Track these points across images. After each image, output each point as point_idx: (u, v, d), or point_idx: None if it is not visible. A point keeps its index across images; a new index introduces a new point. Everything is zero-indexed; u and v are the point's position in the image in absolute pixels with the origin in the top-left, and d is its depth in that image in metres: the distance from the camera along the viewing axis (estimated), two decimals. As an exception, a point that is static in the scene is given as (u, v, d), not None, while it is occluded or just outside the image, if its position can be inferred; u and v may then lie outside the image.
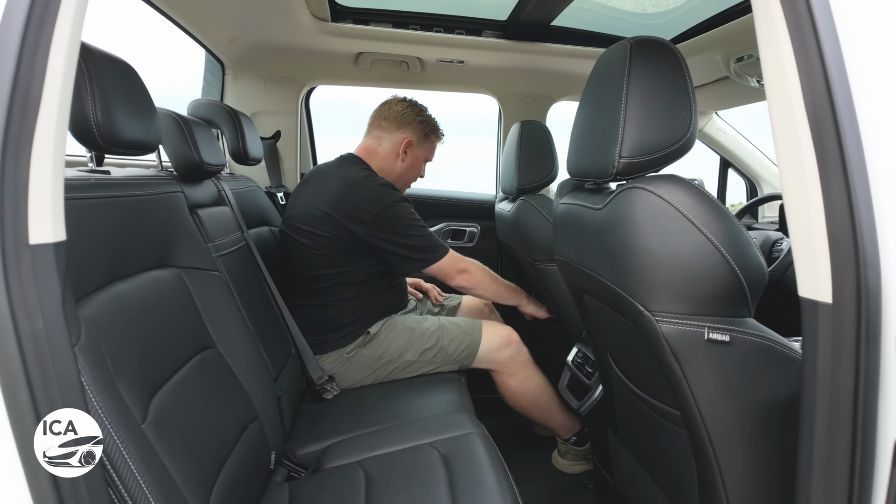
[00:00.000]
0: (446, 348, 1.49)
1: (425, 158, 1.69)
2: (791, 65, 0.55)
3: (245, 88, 2.05)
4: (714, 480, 0.77)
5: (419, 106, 1.65)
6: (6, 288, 0.49)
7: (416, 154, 1.64)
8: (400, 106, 1.62)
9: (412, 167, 1.65)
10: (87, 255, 0.73)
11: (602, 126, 0.83)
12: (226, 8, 1.60)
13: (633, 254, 0.76)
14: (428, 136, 1.66)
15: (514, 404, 1.57)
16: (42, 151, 0.50)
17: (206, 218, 1.22)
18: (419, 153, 1.65)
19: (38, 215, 0.50)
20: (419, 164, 1.67)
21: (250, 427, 1.00)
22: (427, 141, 1.67)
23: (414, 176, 1.70)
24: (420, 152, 1.66)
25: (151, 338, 0.81)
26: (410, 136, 1.62)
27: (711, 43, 1.67)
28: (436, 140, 1.70)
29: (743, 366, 0.72)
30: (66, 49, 0.51)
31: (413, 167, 1.66)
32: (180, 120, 1.22)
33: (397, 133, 1.61)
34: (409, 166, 1.64)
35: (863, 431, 0.54)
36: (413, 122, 1.62)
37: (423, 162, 1.70)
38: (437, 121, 1.68)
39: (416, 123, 1.63)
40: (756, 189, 2.45)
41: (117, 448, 0.61)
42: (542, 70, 2.13)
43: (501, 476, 0.97)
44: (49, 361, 0.51)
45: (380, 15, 1.85)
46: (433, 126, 1.67)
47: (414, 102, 1.66)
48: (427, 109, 1.66)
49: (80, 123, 0.80)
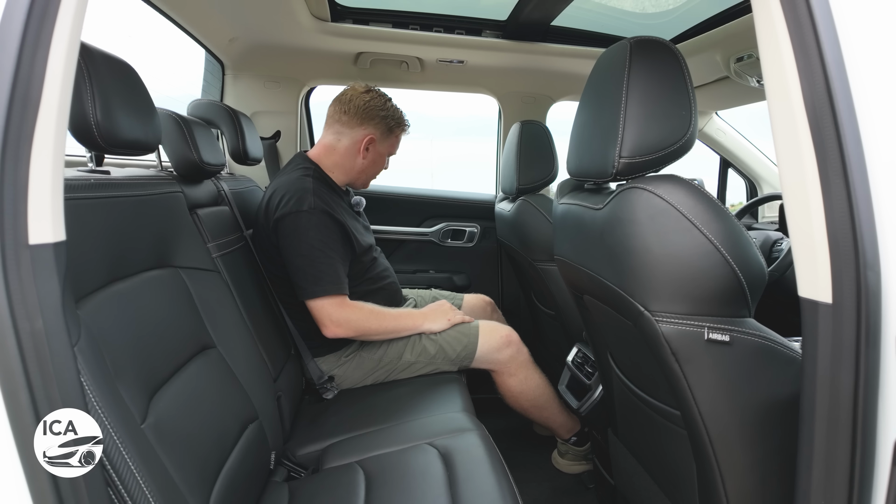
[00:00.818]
0: (445, 349, 1.49)
1: (389, 153, 1.61)
2: (791, 65, 0.55)
3: (245, 88, 2.05)
4: (714, 480, 0.77)
5: (382, 97, 1.54)
6: (6, 288, 0.49)
7: (379, 150, 1.57)
8: (361, 99, 1.51)
9: (374, 163, 1.58)
10: (87, 255, 0.73)
11: (602, 126, 0.83)
12: (226, 8, 1.60)
13: (632, 254, 0.76)
14: (392, 131, 1.57)
15: (514, 404, 1.57)
16: (42, 151, 0.50)
17: (205, 218, 1.22)
18: (382, 149, 1.57)
19: (38, 215, 0.50)
20: (382, 159, 1.60)
21: (250, 427, 1.00)
22: (391, 136, 1.58)
23: (377, 171, 1.62)
24: (383, 147, 1.58)
25: (151, 338, 0.81)
26: (373, 133, 1.52)
27: (711, 43, 1.67)
28: (400, 133, 1.61)
29: (743, 366, 0.72)
30: (65, 49, 0.51)
31: (375, 163, 1.58)
32: (180, 120, 1.22)
33: (359, 129, 1.51)
34: (371, 163, 1.57)
35: (863, 431, 0.54)
36: (376, 118, 1.52)
37: (387, 156, 1.62)
38: (401, 111, 1.59)
39: (378, 119, 1.53)
40: (756, 189, 2.45)
41: (117, 448, 0.61)
42: (542, 70, 2.13)
43: (501, 476, 0.97)
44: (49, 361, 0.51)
45: (380, 15, 1.85)
46: (397, 119, 1.57)
47: (377, 93, 1.54)
48: (391, 100, 1.56)
49: (79, 123, 0.80)
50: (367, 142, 1.52)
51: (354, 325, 1.38)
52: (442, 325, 1.51)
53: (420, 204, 2.29)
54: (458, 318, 1.54)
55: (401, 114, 1.59)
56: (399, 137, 1.62)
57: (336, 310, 1.35)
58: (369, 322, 1.41)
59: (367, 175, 1.60)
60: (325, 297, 1.34)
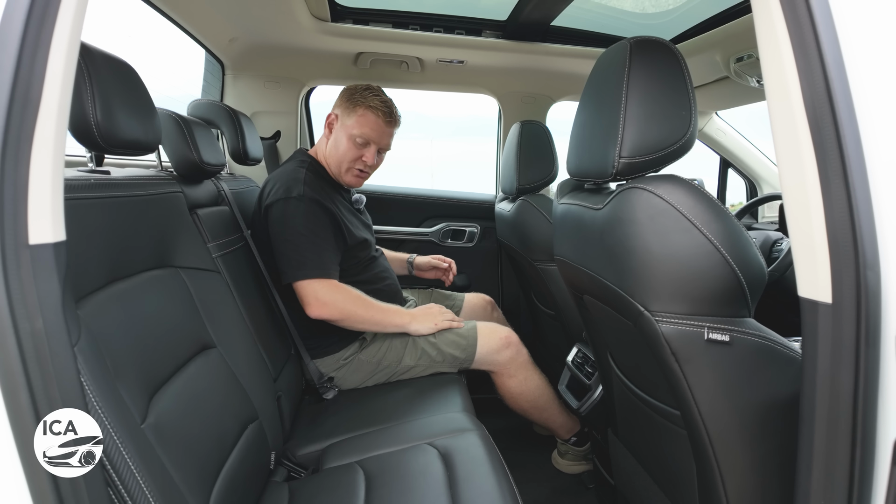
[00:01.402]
0: (444, 351, 1.49)
1: (351, 134, 1.46)
2: (791, 65, 0.55)
3: (245, 88, 2.05)
4: (714, 480, 0.77)
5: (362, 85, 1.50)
6: (6, 288, 0.49)
7: (339, 129, 1.48)
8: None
9: (335, 144, 1.49)
10: (87, 255, 0.73)
11: (602, 126, 0.83)
12: (226, 8, 1.60)
13: (632, 254, 0.76)
14: (353, 108, 1.46)
15: (514, 405, 1.57)
16: (42, 151, 0.50)
17: (205, 218, 1.22)
18: (343, 128, 1.47)
19: (38, 215, 0.50)
20: (344, 140, 1.47)
21: (250, 427, 1.00)
22: (352, 113, 1.46)
23: (341, 156, 1.48)
24: (344, 127, 1.47)
25: (151, 338, 0.81)
26: (335, 111, 1.50)
27: (711, 43, 1.67)
28: (366, 112, 1.45)
29: (743, 366, 0.73)
30: (66, 49, 0.51)
31: (337, 144, 1.48)
32: (180, 120, 1.22)
33: (330, 113, 1.52)
34: (333, 143, 1.49)
35: (862, 431, 0.54)
36: (341, 98, 1.49)
37: (350, 140, 1.47)
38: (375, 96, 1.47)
39: (343, 99, 1.49)
40: (756, 189, 2.45)
41: (117, 448, 0.61)
42: (541, 70, 2.13)
43: (501, 476, 0.97)
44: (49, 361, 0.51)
45: (380, 15, 1.85)
46: (363, 97, 1.46)
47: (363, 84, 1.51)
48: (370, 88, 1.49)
49: (80, 123, 0.80)
50: (328, 120, 1.52)
51: (340, 305, 1.35)
52: (428, 328, 1.48)
53: (420, 204, 2.29)
54: (446, 323, 1.50)
55: (370, 95, 1.47)
56: (366, 118, 1.46)
57: (322, 288, 1.34)
58: (356, 306, 1.38)
59: (334, 161, 1.50)
60: (311, 280, 1.33)
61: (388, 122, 1.50)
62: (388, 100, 1.51)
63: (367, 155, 1.50)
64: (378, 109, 1.46)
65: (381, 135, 1.50)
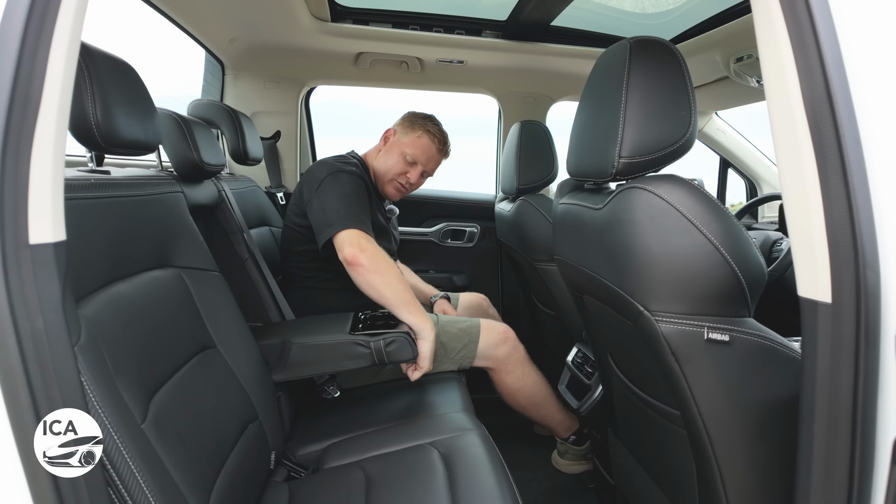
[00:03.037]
0: (445, 346, 1.49)
1: (404, 151, 1.61)
2: (790, 65, 0.55)
3: (245, 88, 2.05)
4: (714, 480, 0.77)
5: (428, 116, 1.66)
6: (6, 288, 0.49)
7: (394, 143, 1.63)
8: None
9: (386, 154, 1.62)
10: (87, 255, 0.73)
11: (602, 126, 0.83)
12: (226, 8, 1.60)
13: (632, 254, 0.76)
14: (413, 128, 1.62)
15: (512, 402, 1.57)
16: (42, 151, 0.50)
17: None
18: (397, 143, 1.62)
19: (38, 215, 0.50)
20: (395, 154, 1.61)
21: (250, 427, 1.00)
22: (410, 132, 1.62)
23: (389, 167, 1.61)
24: (399, 143, 1.62)
25: (151, 338, 0.81)
26: (395, 127, 1.64)
27: (711, 43, 1.67)
28: (423, 135, 1.62)
29: (742, 366, 0.73)
30: (66, 49, 0.51)
31: (388, 155, 1.62)
32: (180, 120, 1.22)
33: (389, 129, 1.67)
34: (385, 154, 1.63)
35: (862, 431, 0.54)
36: (404, 119, 1.64)
37: (402, 155, 1.61)
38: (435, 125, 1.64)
39: (406, 119, 1.64)
40: (756, 189, 2.45)
41: (117, 448, 0.61)
42: (541, 70, 2.13)
43: (501, 476, 0.97)
44: (49, 361, 0.51)
45: (380, 15, 1.85)
46: (423, 123, 1.63)
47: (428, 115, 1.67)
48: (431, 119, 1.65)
49: (80, 123, 0.80)
50: (386, 134, 1.65)
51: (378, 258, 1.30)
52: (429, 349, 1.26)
53: (420, 204, 2.29)
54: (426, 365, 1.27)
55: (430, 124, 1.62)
56: (422, 140, 1.61)
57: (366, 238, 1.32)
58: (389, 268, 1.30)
59: (381, 170, 1.62)
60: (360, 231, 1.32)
61: (440, 151, 1.65)
62: (446, 133, 1.66)
63: (412, 173, 1.62)
64: (434, 136, 1.62)
65: (430, 159, 1.64)
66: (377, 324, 1.28)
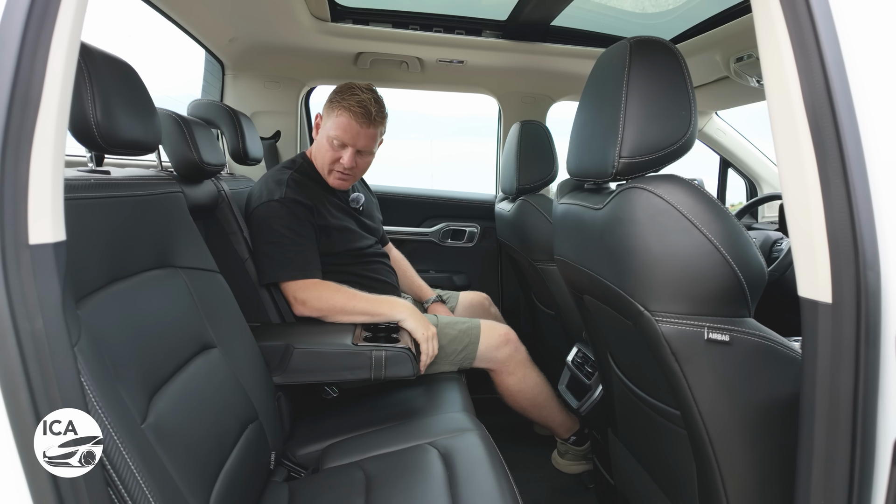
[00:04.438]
0: (445, 348, 1.49)
1: (328, 135, 1.45)
2: (791, 65, 0.55)
3: (245, 88, 2.05)
4: (714, 480, 0.77)
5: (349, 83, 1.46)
6: (6, 288, 0.49)
7: (322, 132, 1.48)
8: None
9: (318, 146, 1.49)
10: (87, 255, 0.73)
11: (602, 126, 0.83)
12: (226, 8, 1.60)
13: (632, 254, 0.76)
14: (332, 109, 1.43)
15: (513, 403, 1.57)
16: (42, 151, 0.50)
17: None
18: (324, 130, 1.47)
19: (38, 215, 0.50)
20: (323, 142, 1.46)
21: (250, 427, 1.00)
22: (331, 114, 1.44)
23: (321, 158, 1.48)
24: (325, 129, 1.47)
25: (151, 338, 0.81)
26: (321, 112, 1.50)
27: (711, 43, 1.67)
28: (342, 113, 1.41)
29: (743, 366, 0.72)
30: (66, 49, 0.51)
31: (319, 146, 1.48)
32: (180, 120, 1.22)
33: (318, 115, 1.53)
34: (317, 145, 1.50)
35: (862, 431, 0.54)
36: (327, 99, 1.48)
37: (328, 141, 1.45)
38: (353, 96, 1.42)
39: (327, 100, 1.47)
40: (756, 189, 2.45)
41: (117, 448, 0.61)
42: (541, 70, 2.13)
43: (501, 476, 0.97)
44: (49, 361, 0.51)
45: (379, 15, 1.85)
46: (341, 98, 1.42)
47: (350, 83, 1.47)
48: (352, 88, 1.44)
49: (80, 123, 0.80)
50: (317, 121, 1.52)
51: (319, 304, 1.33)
52: (421, 328, 1.35)
53: (420, 204, 2.29)
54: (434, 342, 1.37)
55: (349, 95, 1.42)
56: (342, 120, 1.42)
57: (302, 287, 1.34)
58: (336, 300, 1.34)
59: (319, 163, 1.51)
60: (291, 281, 1.34)
61: (363, 124, 1.42)
62: (367, 99, 1.42)
63: (344, 157, 1.46)
64: (352, 111, 1.41)
65: (356, 136, 1.44)
66: (379, 336, 1.31)
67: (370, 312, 1.36)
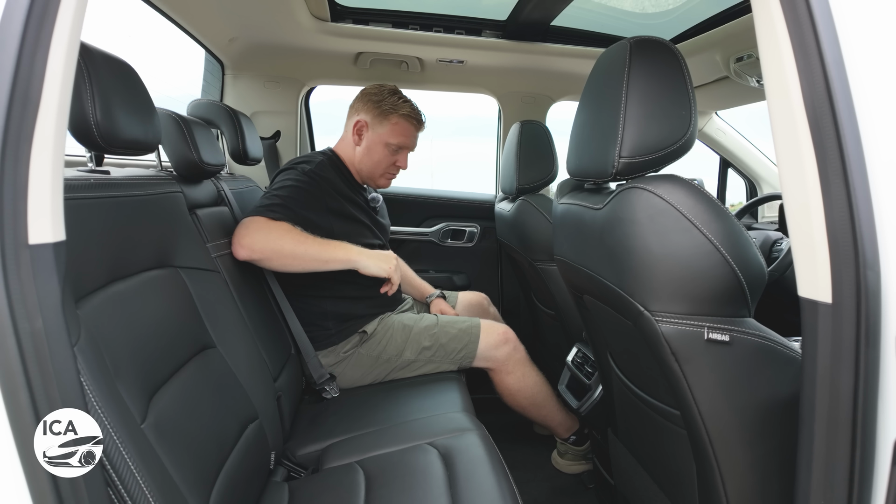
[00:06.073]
0: (445, 346, 1.49)
1: (386, 143, 1.53)
2: (791, 65, 0.55)
3: (245, 88, 2.05)
4: (714, 480, 0.77)
5: (385, 87, 1.54)
6: (6, 288, 0.49)
7: (372, 137, 1.52)
8: (362, 90, 1.56)
9: (368, 151, 1.53)
10: (87, 255, 0.73)
11: (602, 126, 0.83)
12: (225, 8, 1.60)
13: (632, 254, 0.76)
14: (386, 116, 1.51)
15: (512, 403, 1.57)
16: (42, 151, 0.50)
17: (205, 218, 1.22)
18: (375, 136, 1.52)
19: (38, 215, 0.50)
20: (378, 148, 1.53)
21: (250, 427, 1.00)
22: (385, 121, 1.51)
23: (376, 163, 1.54)
24: (377, 135, 1.52)
25: (151, 338, 0.81)
26: (364, 117, 1.52)
27: (711, 43, 1.67)
28: (399, 120, 1.52)
29: (743, 366, 0.72)
30: (65, 49, 0.51)
31: (370, 152, 1.53)
32: (180, 120, 1.22)
33: (353, 116, 1.55)
34: (366, 151, 1.53)
35: (862, 431, 0.54)
36: (368, 103, 1.52)
37: (385, 147, 1.53)
38: (405, 102, 1.53)
39: (371, 104, 1.51)
40: (756, 189, 2.45)
41: (117, 448, 0.61)
42: (541, 70, 2.13)
43: (501, 476, 0.97)
44: (49, 361, 0.51)
45: (379, 15, 1.85)
46: (393, 105, 1.51)
47: (383, 85, 1.55)
48: (396, 92, 1.54)
49: (79, 123, 0.80)
50: (356, 127, 1.54)
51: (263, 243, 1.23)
52: (380, 267, 1.36)
53: (420, 204, 2.29)
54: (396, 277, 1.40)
55: (402, 102, 1.53)
56: (401, 126, 1.53)
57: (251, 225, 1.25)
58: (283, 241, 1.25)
59: (367, 167, 1.56)
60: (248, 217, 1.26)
61: (418, 127, 1.59)
62: (416, 105, 1.57)
63: (401, 160, 1.59)
64: (411, 118, 1.54)
65: (413, 139, 1.59)
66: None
67: (320, 257, 1.30)
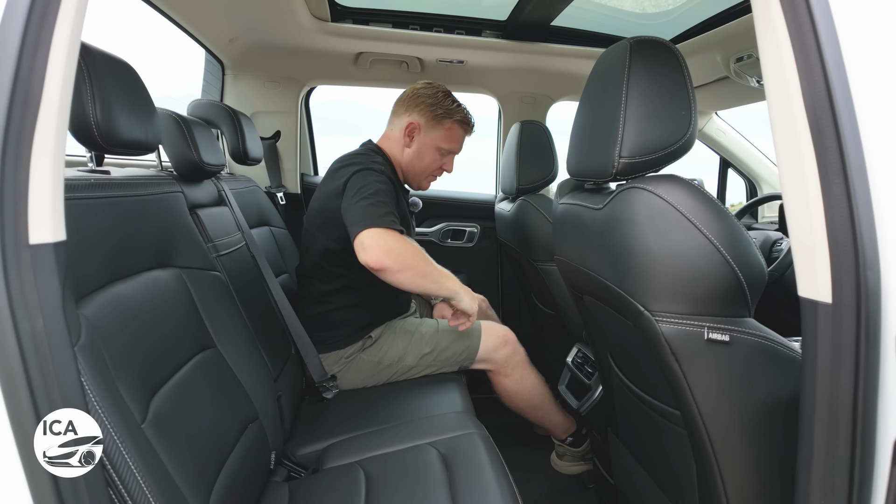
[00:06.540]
0: (445, 351, 1.49)
1: (439, 147, 1.52)
2: (791, 65, 0.55)
3: (245, 88, 2.05)
4: (714, 480, 0.77)
5: (435, 88, 1.51)
6: (6, 288, 0.49)
7: (425, 140, 1.50)
8: (412, 89, 1.52)
9: (419, 155, 1.52)
10: (87, 255, 0.73)
11: (602, 126, 0.83)
12: (226, 8, 1.60)
13: (632, 254, 0.76)
14: (440, 121, 1.49)
15: (510, 404, 1.57)
16: (42, 151, 0.50)
17: (205, 218, 1.23)
18: (428, 139, 1.50)
19: (38, 215, 0.50)
20: (430, 152, 1.52)
21: (250, 427, 1.00)
22: (438, 126, 1.50)
23: (425, 166, 1.54)
24: (429, 139, 1.50)
25: (151, 338, 0.81)
26: (416, 120, 1.49)
27: (711, 43, 1.67)
28: (453, 126, 1.51)
29: (743, 366, 0.72)
30: (66, 49, 0.51)
31: (421, 155, 1.51)
32: (180, 120, 1.22)
33: (405, 116, 1.51)
34: (416, 153, 1.51)
35: (862, 431, 0.54)
36: (421, 105, 1.49)
37: (437, 151, 1.52)
38: (458, 107, 1.52)
39: (424, 106, 1.49)
40: (756, 189, 2.45)
41: (117, 448, 0.61)
42: (541, 70, 2.13)
43: (501, 476, 0.97)
44: (49, 361, 0.51)
45: (380, 15, 1.85)
46: (447, 110, 1.49)
47: (435, 85, 1.52)
48: (449, 95, 1.52)
49: (80, 123, 0.80)
50: (408, 128, 1.50)
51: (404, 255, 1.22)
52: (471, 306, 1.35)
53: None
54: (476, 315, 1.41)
55: (455, 107, 1.51)
56: (454, 132, 1.52)
57: (391, 237, 1.22)
58: (417, 258, 1.26)
59: (414, 170, 1.54)
60: (382, 229, 1.22)
61: (469, 131, 1.58)
62: (467, 109, 1.55)
63: (447, 164, 1.58)
64: (466, 124, 1.54)
65: (462, 143, 1.59)
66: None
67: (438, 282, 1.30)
